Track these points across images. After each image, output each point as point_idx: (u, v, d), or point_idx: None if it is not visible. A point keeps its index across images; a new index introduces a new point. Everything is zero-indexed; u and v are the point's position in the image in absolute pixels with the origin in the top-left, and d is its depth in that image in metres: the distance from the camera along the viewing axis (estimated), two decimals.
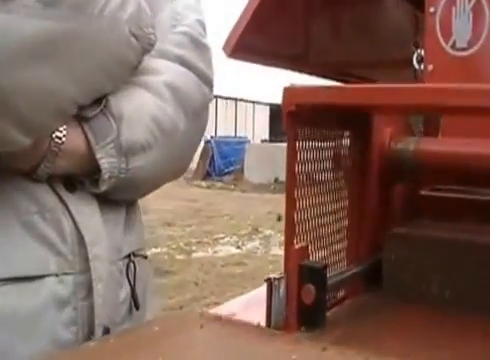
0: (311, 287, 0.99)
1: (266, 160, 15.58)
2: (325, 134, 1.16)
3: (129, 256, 1.12)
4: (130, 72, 1.04)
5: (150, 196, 1.21)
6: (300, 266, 1.01)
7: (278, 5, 1.66)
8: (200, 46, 1.17)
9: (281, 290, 0.99)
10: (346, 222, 1.22)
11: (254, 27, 1.60)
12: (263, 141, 25.22)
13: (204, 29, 1.21)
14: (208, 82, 1.17)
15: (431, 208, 1.35)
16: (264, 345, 0.66)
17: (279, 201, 11.64)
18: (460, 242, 1.17)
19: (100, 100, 1.00)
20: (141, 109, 1.05)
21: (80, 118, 0.99)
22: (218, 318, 0.77)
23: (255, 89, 28.36)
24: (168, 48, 1.12)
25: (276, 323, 0.95)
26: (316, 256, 1.10)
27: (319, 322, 0.99)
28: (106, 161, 1.00)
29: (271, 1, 1.60)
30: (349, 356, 0.62)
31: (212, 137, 19.57)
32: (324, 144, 1.16)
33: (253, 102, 31.64)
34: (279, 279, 0.99)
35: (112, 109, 1.01)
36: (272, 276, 0.99)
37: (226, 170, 18.31)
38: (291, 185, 1.05)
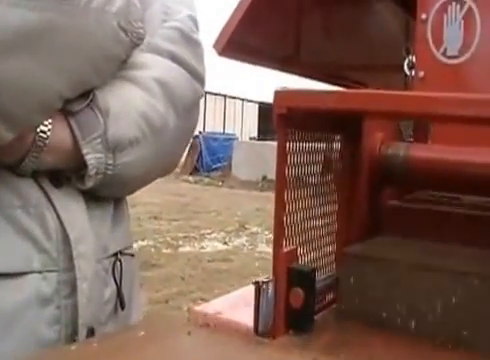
0: (299, 290, 0.99)
1: (254, 158, 15.57)
2: (316, 137, 1.15)
3: (116, 254, 1.10)
4: (118, 66, 1.02)
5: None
6: (289, 269, 1.01)
7: (270, 5, 1.66)
8: (191, 42, 1.15)
9: (269, 293, 0.98)
10: (335, 226, 1.22)
11: (245, 26, 1.59)
12: (251, 139, 25.20)
13: (196, 25, 1.18)
14: (199, 78, 1.15)
15: (400, 220, 1.29)
16: (253, 354, 0.65)
17: (267, 199, 11.70)
18: (414, 266, 1.05)
19: (87, 94, 0.98)
20: (129, 104, 1.03)
21: (66, 112, 0.97)
22: (206, 324, 0.75)
23: (245, 87, 28.33)
24: (158, 43, 1.10)
25: (264, 326, 0.95)
26: (305, 259, 1.10)
27: (307, 326, 0.98)
28: (92, 157, 0.98)
29: (263, 1, 1.60)
30: None
31: (200, 132, 19.52)
32: (314, 147, 1.16)
33: (242, 99, 31.60)
34: (267, 282, 0.98)
35: (99, 103, 0.99)
36: (260, 279, 0.98)
37: (214, 166, 18.30)
38: (281, 187, 1.05)
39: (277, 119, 1.03)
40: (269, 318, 0.97)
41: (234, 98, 30.66)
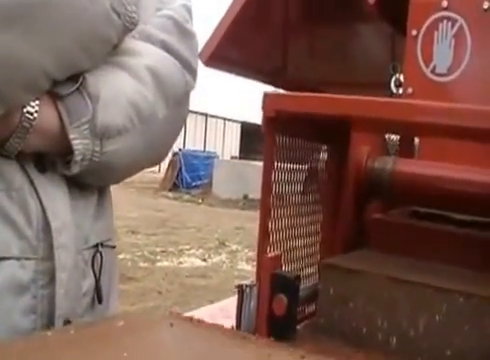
0: (283, 297, 0.96)
1: (235, 176, 15.55)
2: (303, 145, 1.13)
3: (96, 246, 1.06)
4: (109, 50, 0.98)
5: (115, 202, 1.16)
6: (272, 275, 0.98)
7: (256, 18, 1.65)
8: (185, 32, 1.11)
9: (252, 299, 0.95)
10: (319, 236, 1.19)
11: (231, 38, 1.57)
12: (233, 158, 25.21)
13: (190, 15, 1.15)
14: (191, 70, 1.11)
15: (384, 234, 1.25)
16: (238, 348, 0.62)
17: (248, 217, 11.65)
18: (396, 281, 1.02)
19: (76, 78, 0.95)
20: (119, 91, 0.99)
21: (55, 95, 0.93)
22: (189, 318, 0.72)
23: (227, 106, 28.39)
24: (151, 31, 1.07)
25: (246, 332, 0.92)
26: (288, 268, 1.07)
27: (289, 334, 0.96)
28: (79, 142, 0.94)
29: (249, 13, 1.58)
30: None
31: (180, 150, 19.47)
32: (302, 156, 1.14)
33: (224, 119, 31.64)
34: (251, 287, 0.96)
35: (89, 88, 0.95)
36: (244, 283, 0.96)
37: (194, 183, 18.24)
38: (266, 193, 1.02)
39: (265, 123, 1.00)
40: (251, 324, 0.94)
41: (216, 117, 30.69)
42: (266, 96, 1.02)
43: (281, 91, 1.99)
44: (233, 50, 1.67)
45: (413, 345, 0.98)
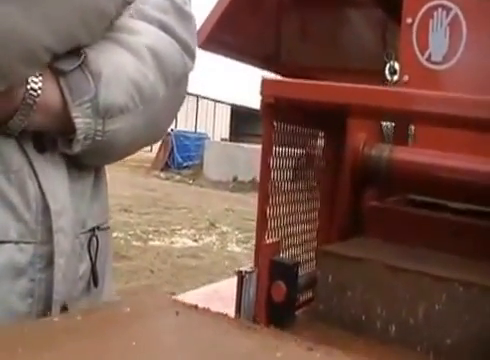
0: (282, 284, 0.96)
1: (225, 158, 15.51)
2: (300, 132, 1.13)
3: (93, 230, 1.04)
4: (107, 24, 0.96)
5: (109, 180, 1.15)
6: (271, 261, 0.98)
7: (249, 6, 1.64)
8: (183, 14, 1.09)
9: (252, 285, 0.95)
10: (317, 223, 1.19)
11: (224, 24, 1.57)
12: (223, 140, 25.15)
13: None
14: (190, 52, 1.10)
15: (381, 222, 1.25)
16: (245, 338, 0.62)
17: (237, 200, 11.63)
18: (395, 268, 1.01)
19: (78, 55, 0.92)
20: (121, 70, 0.97)
21: (56, 72, 0.91)
22: (194, 306, 0.71)
23: (217, 88, 28.28)
24: (149, 11, 1.04)
25: (246, 318, 0.92)
26: (285, 255, 1.07)
27: (288, 321, 0.96)
28: (82, 121, 0.92)
29: (242, 1, 1.58)
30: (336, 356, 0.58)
31: (172, 130, 19.42)
32: (299, 142, 1.13)
33: (214, 101, 31.54)
34: (250, 273, 0.95)
35: (91, 66, 0.93)
36: (243, 269, 0.96)
37: (185, 164, 18.22)
38: (265, 179, 1.02)
39: (264, 109, 0.99)
40: (251, 311, 0.94)
41: (206, 99, 30.57)
42: (264, 82, 1.01)
43: (278, 77, 2.00)
44: (228, 34, 1.66)
45: (413, 333, 0.98)
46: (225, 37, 1.69)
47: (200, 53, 1.72)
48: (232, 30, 1.69)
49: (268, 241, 1.00)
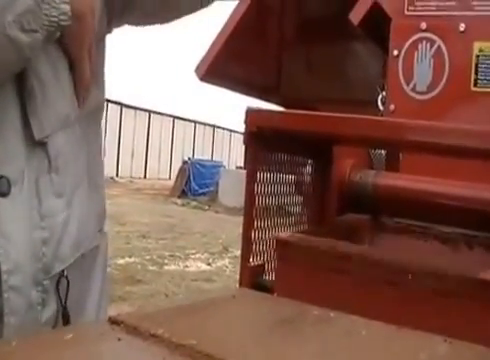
0: None
1: (240, 185, 15.39)
2: (287, 159, 1.13)
3: (62, 271, 0.92)
4: None
5: (128, 209, 1.14)
6: (254, 284, 0.97)
7: (251, 35, 1.64)
8: None
9: None
10: None
11: (226, 54, 1.57)
12: (238, 168, 25.18)
13: None
14: None
15: None
16: None
17: None
18: None
19: None
20: None
21: None
22: (138, 331, 0.66)
23: (232, 119, 28.40)
24: None
25: None
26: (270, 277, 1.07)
27: None
28: None
29: (244, 30, 1.58)
30: None
31: (189, 159, 19.50)
32: (285, 169, 1.13)
33: (230, 130, 31.66)
34: None
35: None
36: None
37: (201, 191, 18.22)
38: (250, 204, 1.02)
39: (247, 136, 1.00)
40: None
41: (222, 129, 30.70)
42: (248, 112, 1.01)
43: (267, 107, 2.00)
44: (229, 66, 1.66)
45: None
46: (226, 69, 1.69)
47: (216, 88, 1.73)
48: (233, 62, 1.69)
49: (252, 264, 1.00)
